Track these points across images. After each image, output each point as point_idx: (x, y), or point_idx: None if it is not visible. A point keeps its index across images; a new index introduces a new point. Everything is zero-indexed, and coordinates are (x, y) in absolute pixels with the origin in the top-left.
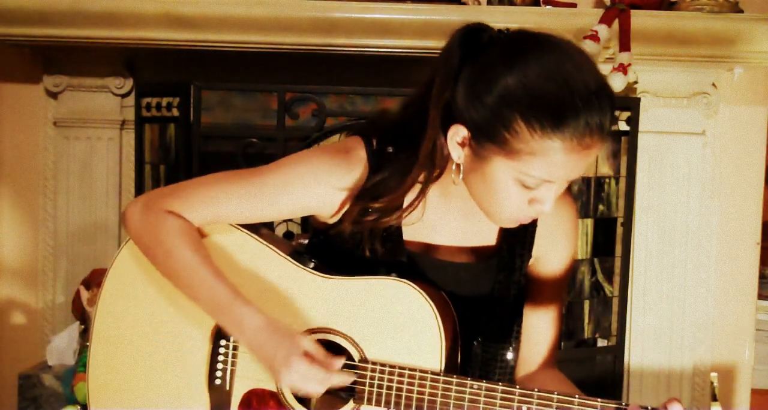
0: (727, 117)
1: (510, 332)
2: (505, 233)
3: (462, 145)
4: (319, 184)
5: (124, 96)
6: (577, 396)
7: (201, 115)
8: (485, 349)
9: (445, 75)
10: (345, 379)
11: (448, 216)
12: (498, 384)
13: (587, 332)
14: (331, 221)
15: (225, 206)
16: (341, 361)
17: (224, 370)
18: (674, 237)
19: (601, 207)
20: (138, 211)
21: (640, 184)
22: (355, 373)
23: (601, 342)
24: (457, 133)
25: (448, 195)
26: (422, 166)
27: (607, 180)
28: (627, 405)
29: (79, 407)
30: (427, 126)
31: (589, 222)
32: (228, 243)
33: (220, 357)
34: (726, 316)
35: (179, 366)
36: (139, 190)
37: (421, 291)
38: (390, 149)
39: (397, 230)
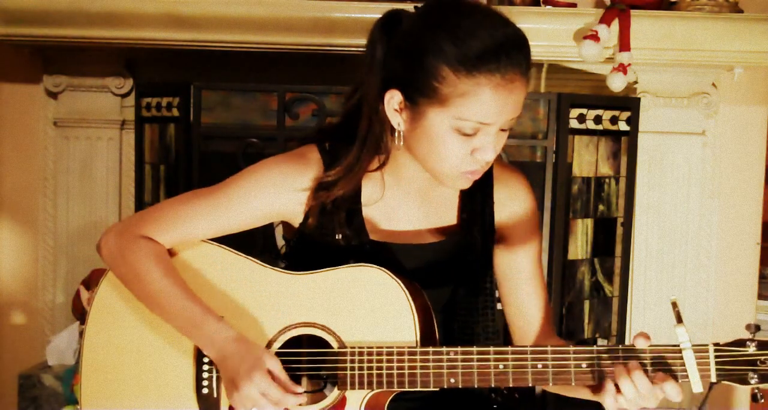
0: (727, 117)
1: (482, 306)
2: (464, 210)
3: (399, 110)
4: (278, 189)
5: (124, 96)
6: (549, 346)
7: (201, 115)
8: (462, 327)
9: (372, 58)
10: (297, 401)
11: (406, 201)
12: (473, 347)
13: (587, 332)
14: (297, 224)
15: (193, 224)
16: (300, 389)
17: (210, 379)
18: (674, 237)
19: (601, 207)
20: (111, 240)
21: (640, 184)
22: (336, 360)
23: (601, 342)
24: (393, 98)
25: (402, 180)
26: (361, 141)
27: (607, 180)
28: (599, 348)
29: (78, 407)
30: (362, 108)
31: (589, 222)
32: (199, 255)
33: (205, 367)
34: (726, 316)
35: (167, 379)
36: (139, 190)
37: (386, 271)
38: (342, 146)
39: (359, 220)
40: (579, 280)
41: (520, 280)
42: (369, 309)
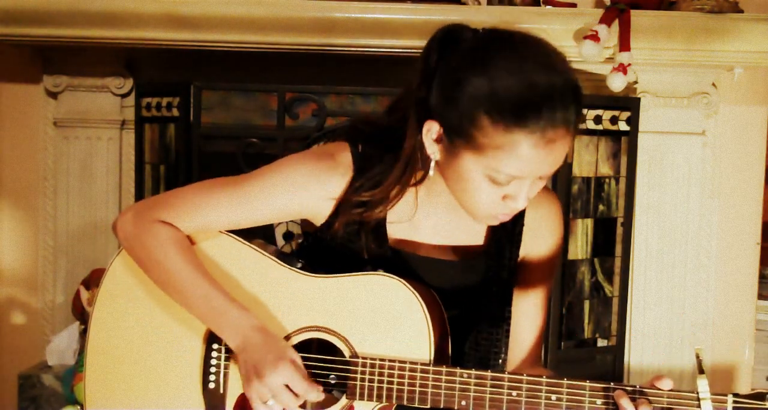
0: (727, 117)
1: (499, 330)
2: (493, 233)
3: (437, 141)
4: (304, 189)
5: (124, 96)
6: (565, 378)
7: (201, 115)
8: (477, 348)
9: (422, 74)
10: (318, 397)
11: (434, 215)
12: (487, 372)
13: (587, 332)
14: (319, 224)
15: (213, 213)
16: (320, 387)
17: (217, 373)
18: (674, 237)
19: (601, 207)
20: (129, 222)
21: (640, 184)
22: (347, 369)
23: (601, 342)
24: (431, 130)
25: (434, 194)
26: (404, 163)
27: (607, 180)
28: (614, 386)
29: (79, 407)
30: (408, 125)
31: (589, 222)
32: (215, 248)
33: (213, 361)
34: (726, 316)
35: (173, 372)
36: (139, 189)
37: (407, 284)
38: (375, 152)
39: (382, 229)
40: (579, 280)
41: (525, 306)
42: (384, 320)
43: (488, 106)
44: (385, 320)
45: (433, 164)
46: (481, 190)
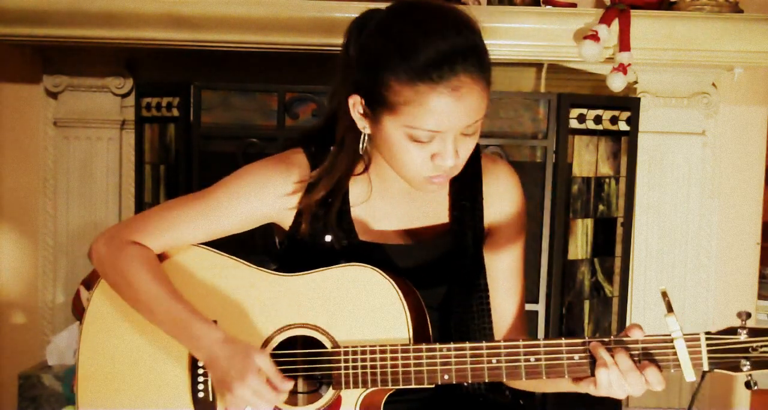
0: (727, 117)
1: (481, 302)
2: (454, 207)
3: (364, 115)
4: (264, 194)
5: (124, 96)
6: (541, 339)
7: (201, 115)
8: (458, 325)
9: (343, 62)
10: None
11: (393, 201)
12: (466, 344)
13: (587, 332)
14: (287, 227)
15: (181, 230)
16: (290, 384)
17: (206, 382)
18: (674, 237)
19: (601, 207)
20: (102, 246)
21: (640, 184)
22: (330, 360)
23: None
24: (356, 104)
25: (388, 180)
26: (338, 145)
27: (607, 180)
28: (590, 341)
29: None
30: (339, 111)
31: (589, 222)
32: (191, 260)
33: (201, 370)
34: (726, 316)
35: (163, 384)
36: (139, 190)
37: (377, 269)
38: (326, 150)
39: (348, 221)
40: (579, 280)
41: (500, 277)
42: (361, 308)
43: (390, 65)
44: (361, 308)
45: (366, 139)
46: (407, 151)
